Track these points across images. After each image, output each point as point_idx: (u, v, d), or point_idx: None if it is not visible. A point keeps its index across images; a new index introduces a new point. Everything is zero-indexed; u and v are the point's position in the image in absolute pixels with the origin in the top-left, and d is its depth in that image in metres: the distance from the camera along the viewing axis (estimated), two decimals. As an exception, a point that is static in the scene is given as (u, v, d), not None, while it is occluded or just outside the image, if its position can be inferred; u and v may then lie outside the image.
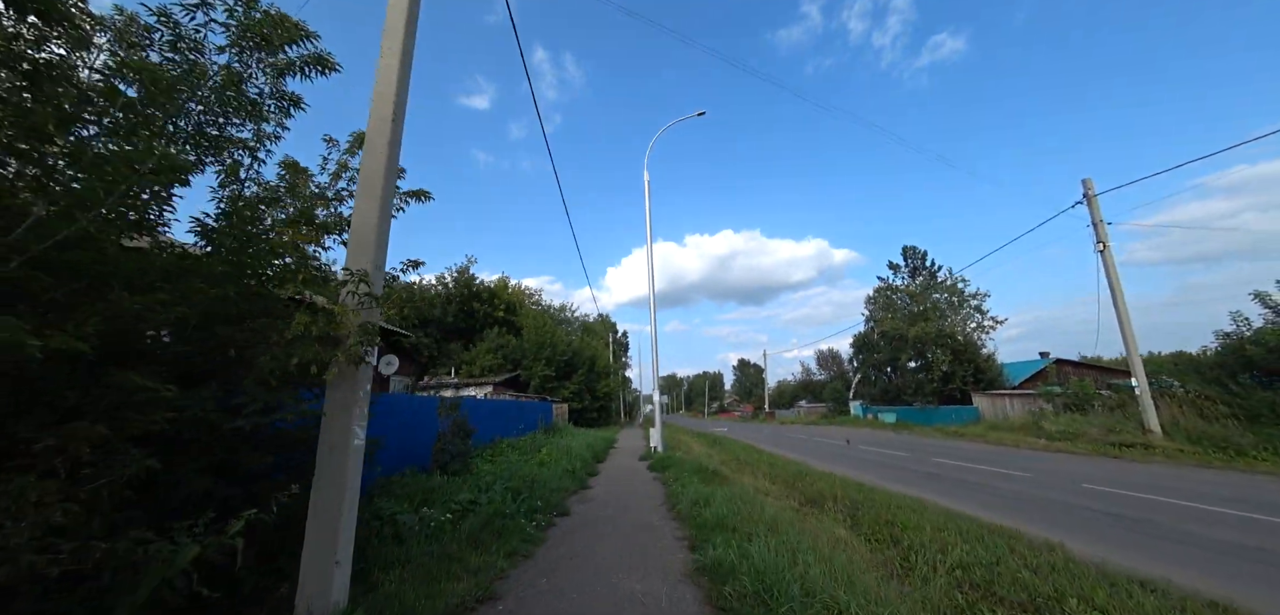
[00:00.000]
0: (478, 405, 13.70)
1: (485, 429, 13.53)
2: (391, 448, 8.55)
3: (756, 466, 13.65)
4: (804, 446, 21.12)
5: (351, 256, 4.02)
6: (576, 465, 10.77)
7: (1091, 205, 16.41)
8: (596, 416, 35.90)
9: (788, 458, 16.03)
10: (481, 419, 13.53)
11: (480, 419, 13.40)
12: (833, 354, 72.63)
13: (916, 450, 17.57)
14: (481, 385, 27.86)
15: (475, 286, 36.63)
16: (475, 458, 11.05)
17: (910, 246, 40.85)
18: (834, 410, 51.98)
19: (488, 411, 14.25)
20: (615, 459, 14.78)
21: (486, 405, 14.39)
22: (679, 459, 12.58)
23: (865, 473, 12.58)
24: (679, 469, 10.88)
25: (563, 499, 7.77)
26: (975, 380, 31.15)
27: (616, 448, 18.82)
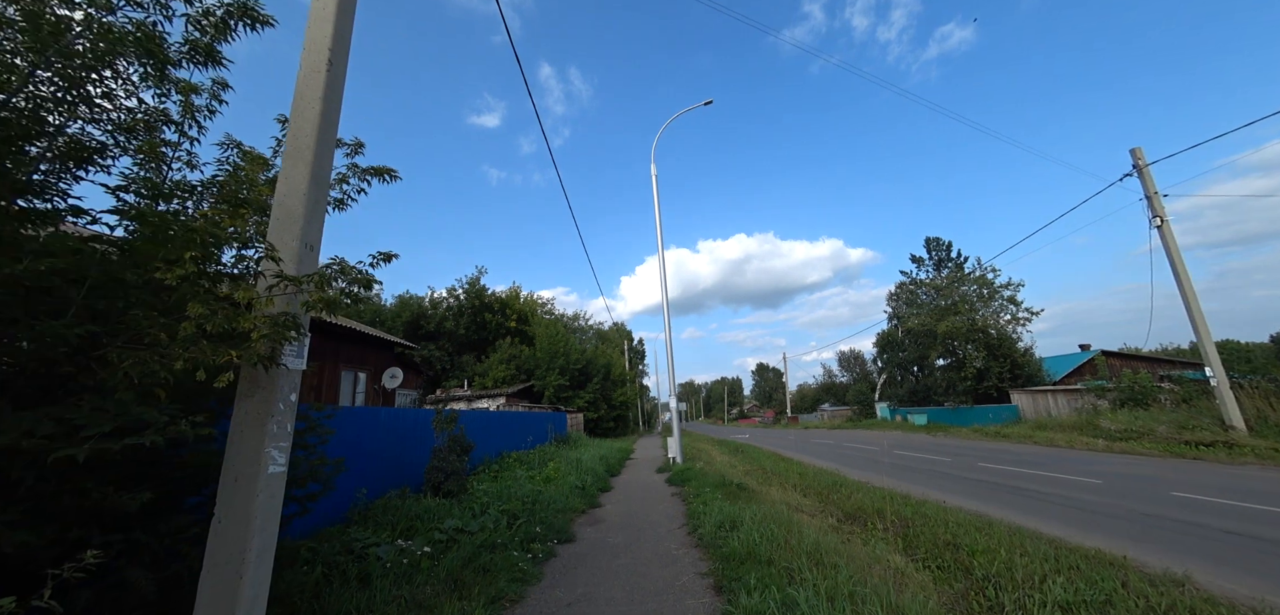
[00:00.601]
0: (481, 418, 12.88)
1: (490, 443, 12.69)
2: (379, 468, 7.75)
3: (785, 477, 12.50)
4: (833, 453, 19.77)
5: (274, 232, 3.18)
6: (587, 481, 9.82)
7: (1144, 177, 14.91)
8: (613, 426, 34.92)
9: (818, 466, 14.80)
10: (486, 432, 12.70)
11: (484, 432, 12.57)
12: (855, 355, 70.49)
13: (958, 455, 16.14)
14: (494, 397, 27.19)
15: (486, 297, 36.16)
16: (477, 475, 10.18)
17: (933, 237, 39.03)
18: (860, 413, 50.00)
19: (492, 424, 13.42)
20: (631, 472, 13.77)
21: (491, 418, 13.58)
22: (700, 471, 11.52)
23: (906, 481, 11.33)
24: (700, 483, 9.84)
25: (568, 522, 6.81)
26: (1012, 377, 29.24)
27: (633, 459, 17.81)
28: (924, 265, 39.33)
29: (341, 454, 6.84)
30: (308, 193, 3.23)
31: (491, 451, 12.74)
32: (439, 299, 35.76)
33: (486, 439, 12.61)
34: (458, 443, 8.33)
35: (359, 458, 7.16)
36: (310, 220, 3.25)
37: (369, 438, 7.59)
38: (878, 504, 8.49)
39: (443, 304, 35.63)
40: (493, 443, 13.06)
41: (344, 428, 6.89)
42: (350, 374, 14.42)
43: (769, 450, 22.25)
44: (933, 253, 39.02)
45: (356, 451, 7.13)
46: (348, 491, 6.42)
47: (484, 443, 12.39)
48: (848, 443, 24.87)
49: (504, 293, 38.33)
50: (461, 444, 8.40)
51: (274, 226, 3.17)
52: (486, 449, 12.23)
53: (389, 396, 15.99)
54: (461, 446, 8.37)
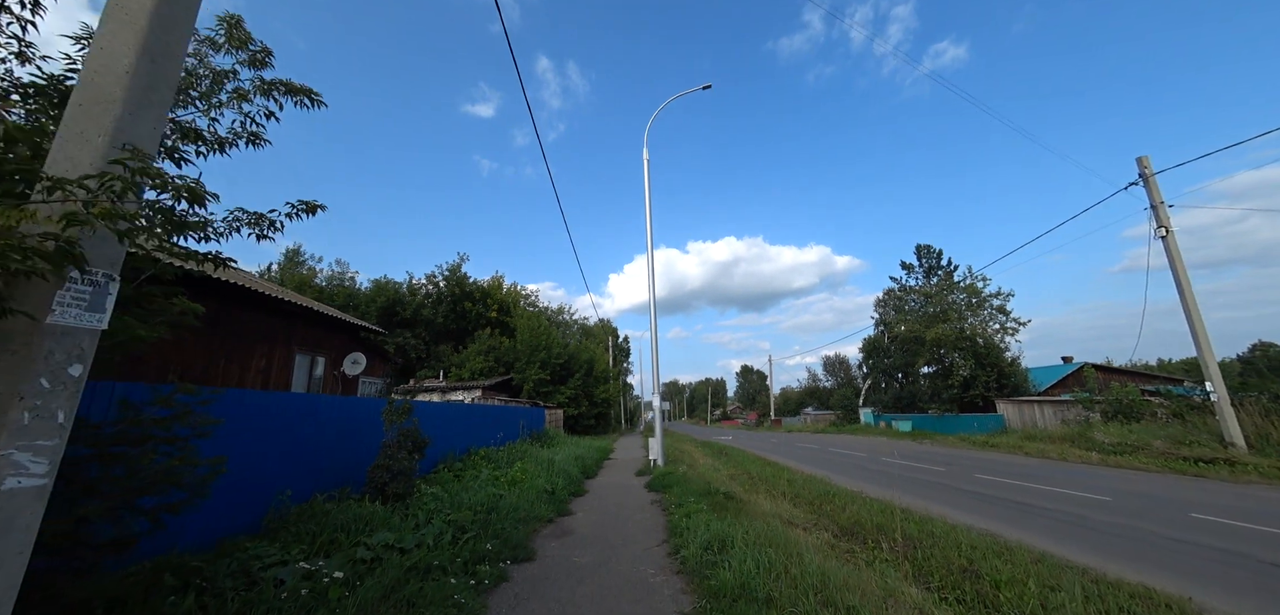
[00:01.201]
0: (448, 411, 11.81)
1: (456, 438, 11.63)
2: (316, 465, 6.67)
3: (773, 484, 11.70)
4: (819, 458, 19.11)
5: (71, 122, 2.14)
6: (557, 484, 8.85)
7: (1150, 186, 14.47)
8: (594, 423, 33.92)
9: (806, 472, 14.06)
10: (452, 427, 11.63)
11: (450, 427, 11.50)
12: (840, 360, 70.56)
13: (951, 464, 15.56)
14: (470, 389, 25.98)
15: (467, 286, 34.78)
16: (437, 474, 9.14)
17: (925, 245, 38.87)
18: (843, 418, 49.84)
19: (460, 418, 12.34)
20: (608, 474, 12.83)
21: (458, 411, 12.50)
22: (682, 475, 10.64)
23: (901, 492, 10.62)
24: (683, 489, 8.95)
25: (529, 535, 5.85)
26: (999, 387, 29.06)
27: (612, 459, 16.88)
28: (914, 272, 39.16)
29: (267, 447, 5.79)
30: (134, 70, 2.21)
31: (458, 448, 11.68)
32: (418, 285, 34.27)
33: (451, 434, 11.55)
34: (410, 438, 7.29)
35: (293, 452, 6.12)
36: (136, 113, 2.22)
37: (305, 429, 6.51)
38: (878, 519, 7.71)
39: (421, 291, 34.16)
40: (459, 438, 12.00)
41: (270, 417, 5.82)
42: (305, 358, 13.17)
43: (753, 453, 21.51)
44: (923, 260, 38.84)
45: (290, 445, 6.08)
46: (266, 493, 5.36)
47: (449, 438, 11.33)
48: (833, 447, 24.30)
49: (486, 282, 36.99)
50: (414, 439, 7.36)
51: (72, 115, 2.14)
52: (451, 445, 11.17)
53: (351, 385, 14.77)
54: (414, 442, 7.33)
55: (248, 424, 5.41)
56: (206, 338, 9.98)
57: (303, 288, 33.64)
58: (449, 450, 10.86)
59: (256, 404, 5.61)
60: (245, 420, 5.38)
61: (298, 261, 42.88)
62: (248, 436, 5.38)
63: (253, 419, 5.50)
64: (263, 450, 5.60)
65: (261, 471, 5.50)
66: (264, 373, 11.47)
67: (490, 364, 30.63)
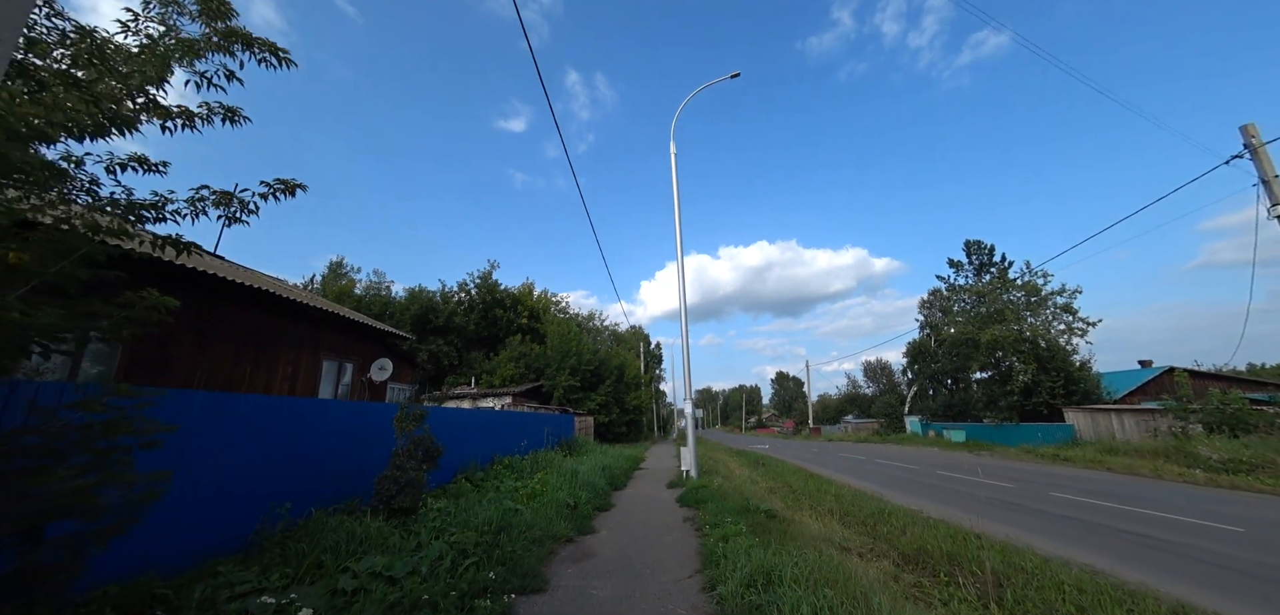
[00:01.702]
0: (472, 419, 11.38)
1: (478, 447, 11.17)
2: (323, 475, 6.25)
3: (818, 499, 10.62)
4: (866, 470, 17.67)
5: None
6: (581, 497, 8.15)
7: (1259, 157, 12.49)
8: (625, 431, 33.22)
9: (854, 486, 12.83)
10: (475, 435, 11.19)
11: (472, 435, 11.06)
12: (882, 365, 67.24)
13: (1021, 480, 13.91)
14: (500, 396, 25.84)
15: (498, 293, 34.97)
16: (456, 485, 8.65)
17: (975, 240, 36.20)
18: (887, 427, 47.13)
19: (483, 426, 11.89)
20: (637, 485, 12.06)
21: (482, 418, 12.06)
22: (718, 489, 9.75)
23: (966, 511, 9.35)
24: (718, 505, 8.08)
25: (543, 560, 5.16)
26: (1066, 393, 26.43)
27: (642, 469, 16.09)
28: (964, 270, 36.56)
29: (264, 456, 5.38)
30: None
31: (480, 457, 11.22)
32: (450, 294, 34.74)
33: (474, 442, 11.10)
34: (421, 446, 6.78)
35: (296, 462, 5.70)
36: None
37: (312, 437, 6.11)
38: (948, 545, 6.60)
39: (453, 299, 34.59)
40: (482, 447, 11.54)
41: (268, 425, 5.41)
42: (333, 364, 13.11)
43: (793, 464, 20.22)
44: (973, 257, 36.21)
45: (294, 454, 5.67)
46: (259, 507, 4.91)
47: (471, 447, 10.89)
48: (881, 458, 22.61)
49: (517, 289, 37.12)
50: (426, 448, 6.84)
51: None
52: (473, 454, 10.72)
53: (378, 391, 14.68)
54: (426, 451, 6.82)
55: (240, 432, 4.99)
56: (234, 344, 9.91)
57: (342, 297, 34.72)
58: (471, 460, 10.41)
59: (252, 410, 5.20)
60: (238, 427, 4.97)
61: (340, 273, 44.56)
62: (240, 446, 4.97)
63: (247, 426, 5.09)
64: (259, 460, 5.18)
65: (256, 484, 5.07)
66: (291, 379, 11.38)
67: (520, 371, 30.54)
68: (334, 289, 38.15)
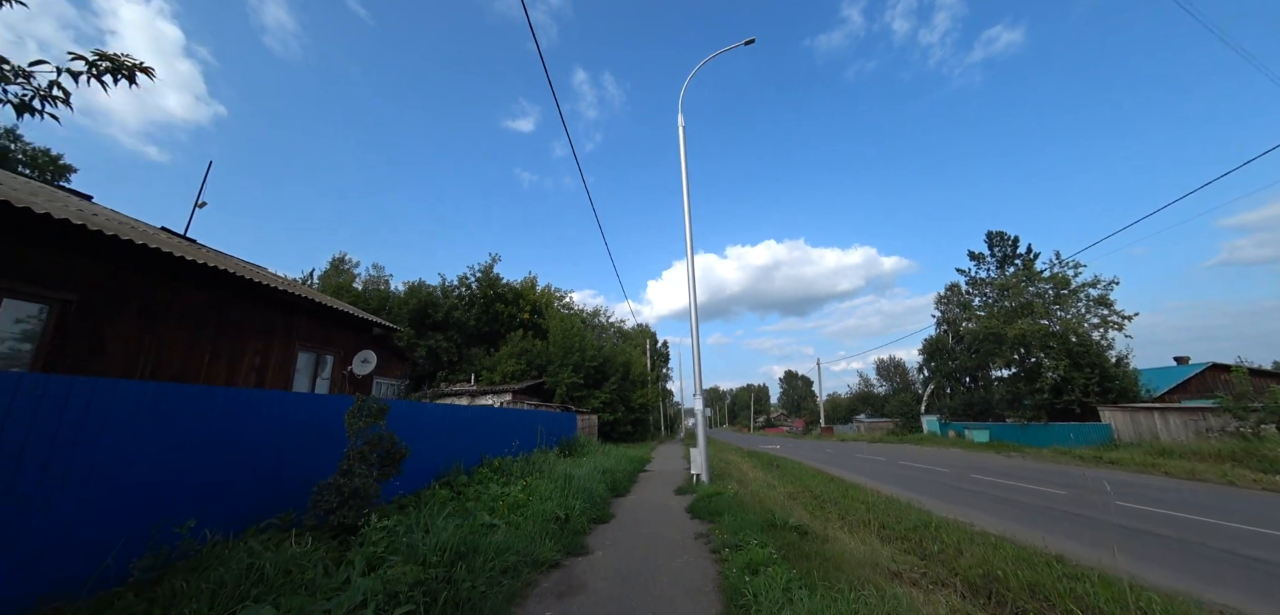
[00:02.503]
0: (450, 415, 10.18)
1: (463, 448, 10.00)
2: (256, 481, 5.08)
3: (846, 507, 9.31)
4: (891, 473, 16.27)
5: None
6: (573, 507, 6.91)
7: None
8: (631, 430, 31.98)
9: (885, 492, 11.49)
10: (456, 434, 10.01)
11: (454, 434, 9.87)
12: (895, 363, 65.37)
13: (1072, 485, 12.47)
14: (500, 394, 24.74)
15: (500, 287, 33.86)
16: (431, 492, 7.46)
17: (997, 231, 34.47)
18: (903, 426, 45.47)
19: (471, 425, 10.69)
20: (642, 490, 10.82)
21: (466, 416, 10.86)
22: (733, 497, 8.48)
23: (1020, 523, 8.00)
24: (737, 517, 6.81)
25: (511, 600, 3.92)
26: (1102, 391, 24.76)
27: (648, 472, 14.85)
28: (985, 263, 34.85)
29: (171, 462, 4.20)
30: None
31: (468, 459, 10.05)
32: (450, 288, 33.68)
33: (458, 443, 9.93)
34: (378, 448, 5.58)
35: (227, 465, 4.57)
36: None
37: (245, 435, 4.94)
38: (1024, 571, 5.28)
39: (454, 293, 33.54)
40: (468, 448, 10.36)
41: (179, 420, 4.23)
42: (310, 355, 12.00)
43: (810, 466, 18.85)
44: (996, 248, 34.50)
45: (222, 457, 4.53)
46: (147, 526, 3.73)
47: (456, 448, 9.71)
48: (903, 460, 21.17)
49: (519, 283, 36.00)
50: (385, 450, 5.64)
51: None
52: (458, 455, 9.55)
53: (361, 385, 13.57)
54: (384, 454, 5.61)
55: (133, 430, 3.83)
56: (189, 328, 8.80)
57: (340, 292, 33.82)
58: (453, 462, 9.23)
59: (152, 402, 4.01)
60: (128, 425, 3.80)
61: (341, 268, 43.77)
62: (133, 448, 3.81)
63: (144, 423, 3.92)
64: (163, 466, 4.02)
65: (154, 496, 3.90)
66: (259, 370, 10.26)
67: (521, 367, 29.41)
68: (333, 283, 37.32)
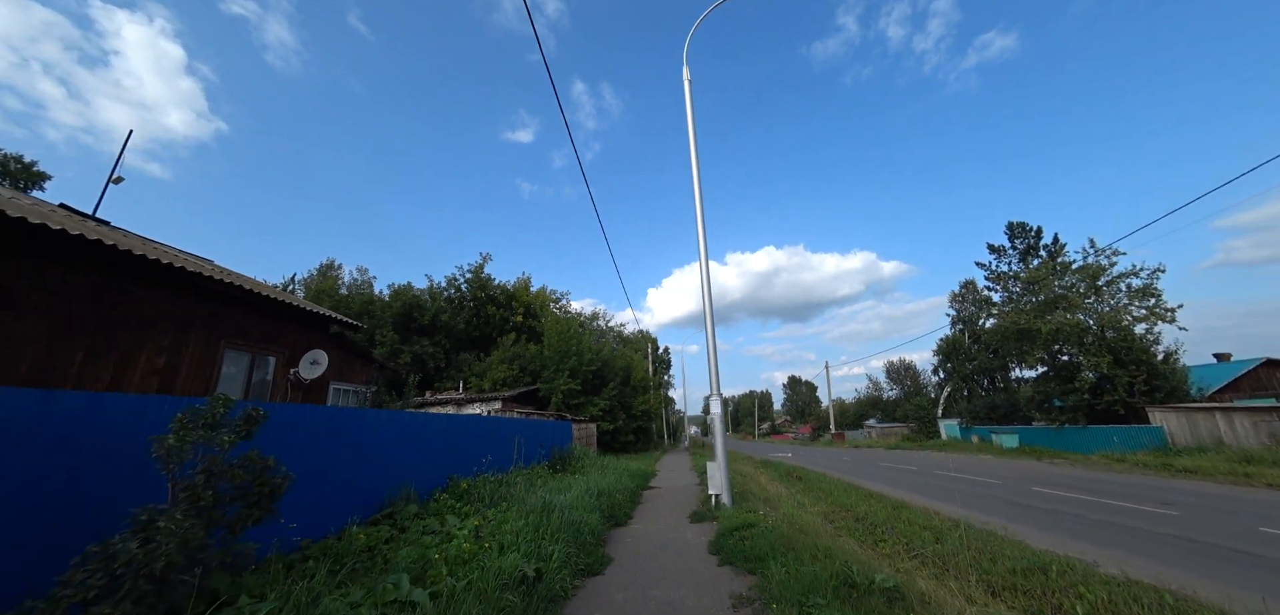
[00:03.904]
0: (410, 425, 8.06)
1: (420, 468, 7.89)
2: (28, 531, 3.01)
3: (911, 537, 7.18)
4: (924, 484, 14.10)
5: None
6: (551, 557, 4.78)
7: None
8: (633, 439, 29.77)
9: (936, 510, 9.34)
10: (415, 449, 7.90)
11: (412, 449, 7.76)
12: (906, 366, 63.09)
13: (1172, 502, 10.32)
14: (489, 402, 22.62)
15: (491, 288, 31.79)
16: (344, 538, 5.36)
17: (1019, 223, 32.43)
18: (919, 431, 43.19)
19: (428, 436, 8.56)
20: (648, 517, 8.67)
21: (431, 426, 8.74)
22: (771, 530, 6.33)
23: (1160, 561, 5.88)
24: (788, 567, 4.69)
25: None
26: (1149, 390, 22.60)
27: (653, 490, 12.70)
28: (1006, 256, 32.78)
29: None
30: None
31: (430, 480, 7.95)
32: (438, 290, 31.62)
33: (416, 461, 7.82)
34: (236, 479, 3.48)
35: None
36: None
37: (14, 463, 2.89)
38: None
39: (442, 295, 31.46)
40: (432, 466, 8.26)
41: None
42: (243, 355, 9.88)
43: (837, 477, 16.68)
44: (1017, 241, 32.46)
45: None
46: None
47: (411, 467, 7.61)
48: (939, 470, 18.97)
49: (512, 284, 33.95)
50: (250, 484, 3.54)
51: None
52: (416, 476, 7.44)
53: (312, 390, 11.45)
54: (244, 489, 3.52)
55: None
56: (51, 318, 6.72)
57: (320, 296, 31.78)
58: (405, 486, 7.10)
59: None
60: None
61: (328, 273, 41.75)
62: None
63: None
64: None
65: None
66: (164, 373, 8.15)
67: (514, 373, 27.28)
68: (317, 288, 35.30)
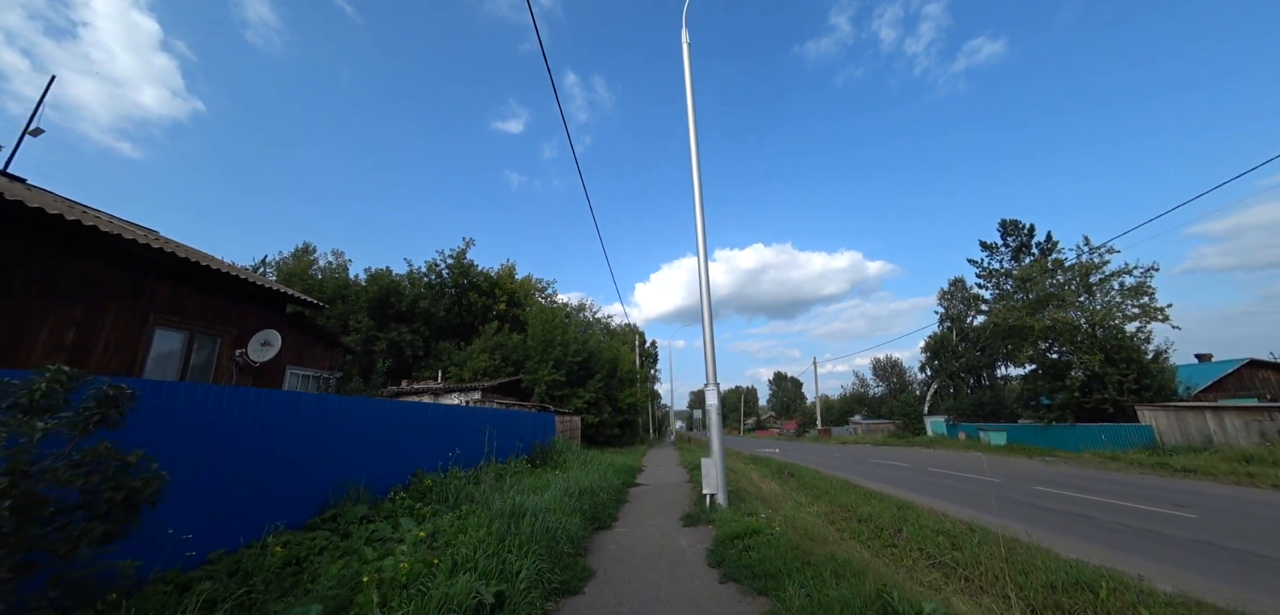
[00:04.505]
0: (366, 412, 7.03)
1: (380, 462, 6.90)
2: None
3: (924, 542, 6.43)
4: (919, 481, 13.50)
5: None
6: (517, 575, 3.87)
7: None
8: (618, 433, 28.92)
9: (943, 511, 8.65)
10: (365, 443, 6.89)
11: (362, 443, 6.73)
12: (892, 363, 63.36)
13: (1188, 503, 9.81)
14: (468, 392, 21.53)
15: (473, 275, 30.53)
16: (257, 551, 4.37)
17: (1012, 220, 32.30)
18: (904, 427, 43.20)
19: (388, 427, 7.53)
20: (636, 520, 7.79)
21: (390, 415, 7.70)
22: (779, 539, 5.48)
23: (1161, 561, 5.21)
24: (806, 585, 3.84)
25: None
26: (1138, 388, 22.50)
27: (640, 486, 11.83)
28: (999, 253, 32.62)
29: None
30: None
31: (387, 476, 6.96)
32: (418, 275, 30.25)
33: (375, 454, 6.82)
34: (67, 484, 2.48)
35: None
36: None
37: None
38: None
39: (421, 281, 30.10)
40: (390, 460, 7.25)
41: None
42: (178, 335, 8.70)
43: (830, 475, 16.04)
44: (1010, 238, 32.31)
45: None
46: None
47: (368, 461, 6.61)
48: (932, 467, 18.49)
49: (496, 272, 32.71)
50: (93, 493, 2.55)
51: None
52: (370, 471, 6.45)
53: (264, 376, 10.29)
54: (89, 502, 2.52)
55: None
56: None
57: (291, 279, 30.17)
58: (354, 483, 6.09)
59: None
60: None
61: (303, 257, 39.93)
62: None
63: None
64: None
65: None
66: (76, 350, 6.99)
67: (496, 363, 26.17)
68: (290, 271, 33.61)
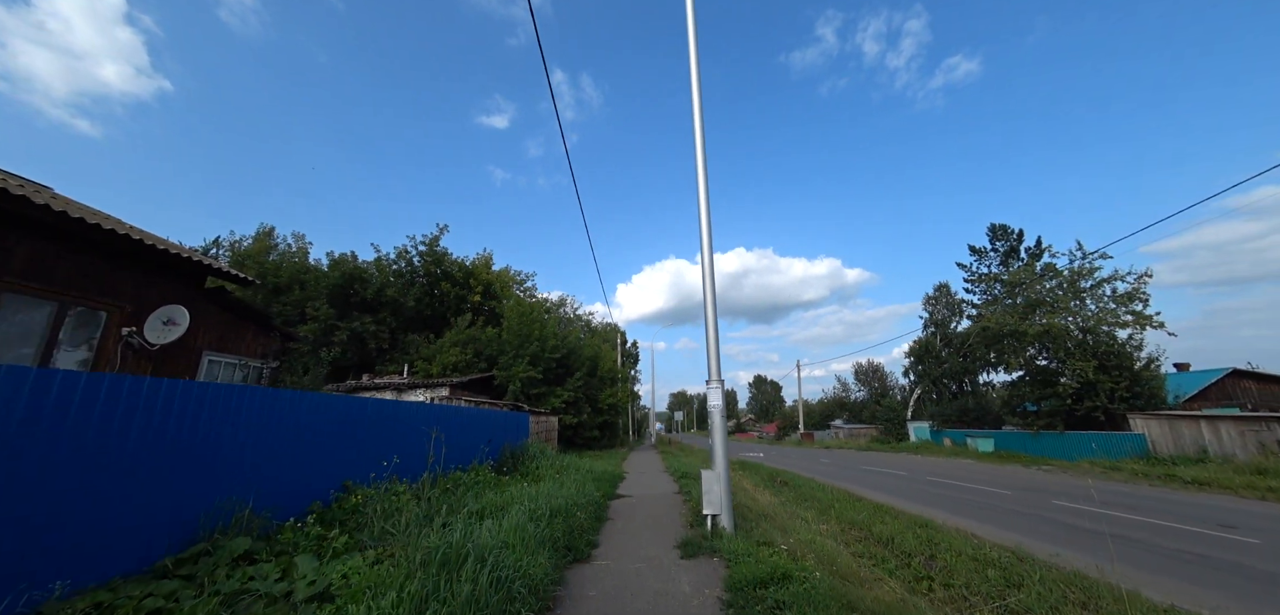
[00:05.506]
0: (275, 406, 5.43)
1: (298, 468, 5.31)
2: None
3: (972, 577, 5.20)
4: (922, 492, 12.40)
5: None
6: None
7: None
8: (598, 435, 27.39)
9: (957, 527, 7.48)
10: (283, 445, 5.28)
11: (280, 445, 5.12)
12: (874, 368, 63.38)
13: (1232, 522, 8.86)
14: (435, 388, 19.71)
15: (446, 264, 28.58)
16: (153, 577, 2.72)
17: (1001, 224, 32.00)
18: (887, 432, 42.82)
19: (297, 428, 5.91)
20: (618, 549, 6.34)
21: (319, 411, 6.08)
22: (817, 584, 4.12)
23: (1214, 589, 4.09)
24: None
25: None
26: (1130, 396, 22.13)
27: (622, 499, 10.38)
28: (988, 258, 32.27)
29: None
30: None
31: (303, 491, 5.37)
32: (386, 261, 28.14)
33: (286, 460, 5.21)
34: None
35: None
36: None
37: None
38: None
39: (389, 268, 28.01)
40: (315, 468, 5.65)
41: None
42: (43, 307, 6.89)
43: (826, 483, 14.88)
44: (999, 242, 31.99)
45: None
46: None
47: (282, 469, 5.00)
48: (929, 474, 17.55)
49: (471, 261, 30.79)
50: None
51: None
52: (282, 483, 4.86)
53: (168, 361, 8.46)
54: None
55: None
56: None
57: (245, 263, 27.69)
58: (239, 503, 4.49)
59: None
60: None
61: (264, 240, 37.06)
62: None
63: None
64: None
65: None
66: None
67: (469, 358, 24.35)
68: (242, 254, 30.99)
